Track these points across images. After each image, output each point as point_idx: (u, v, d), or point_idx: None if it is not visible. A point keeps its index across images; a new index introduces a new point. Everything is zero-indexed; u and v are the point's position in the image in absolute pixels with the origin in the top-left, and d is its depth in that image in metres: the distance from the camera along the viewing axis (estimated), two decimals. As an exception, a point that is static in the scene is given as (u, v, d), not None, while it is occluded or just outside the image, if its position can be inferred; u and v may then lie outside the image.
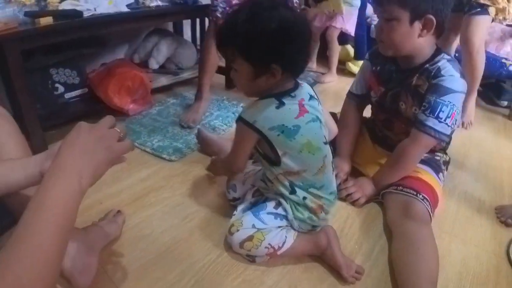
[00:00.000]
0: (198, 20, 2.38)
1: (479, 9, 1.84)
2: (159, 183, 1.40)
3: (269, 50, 0.90)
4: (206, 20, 2.34)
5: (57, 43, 1.62)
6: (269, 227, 1.06)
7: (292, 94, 1.01)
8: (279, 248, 1.05)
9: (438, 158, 1.41)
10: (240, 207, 1.14)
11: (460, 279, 1.09)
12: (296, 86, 1.03)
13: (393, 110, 1.34)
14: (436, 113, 1.18)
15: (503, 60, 2.39)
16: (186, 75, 2.24)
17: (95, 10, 1.58)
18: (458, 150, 1.86)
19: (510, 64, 2.37)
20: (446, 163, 1.46)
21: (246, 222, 1.06)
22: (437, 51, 1.23)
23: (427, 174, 1.31)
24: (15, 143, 0.97)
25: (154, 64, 2.18)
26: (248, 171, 1.26)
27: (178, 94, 2.20)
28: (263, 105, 0.99)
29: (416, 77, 1.24)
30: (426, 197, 1.20)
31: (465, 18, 1.89)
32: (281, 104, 0.98)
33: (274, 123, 0.98)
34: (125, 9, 1.66)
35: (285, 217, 1.08)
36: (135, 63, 2.15)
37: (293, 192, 1.06)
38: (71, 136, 0.65)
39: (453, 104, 1.17)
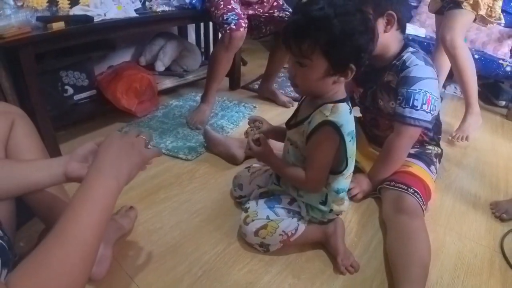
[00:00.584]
0: (202, 24, 2.44)
1: (451, 5, 1.85)
2: (168, 180, 1.46)
3: (353, 49, 0.91)
4: (210, 23, 2.41)
5: (67, 46, 1.66)
6: (281, 218, 1.12)
7: (348, 99, 1.03)
8: (292, 234, 1.11)
9: (429, 151, 1.46)
10: (252, 201, 1.19)
11: (455, 270, 1.15)
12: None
13: (375, 109, 1.41)
14: (411, 102, 1.23)
15: (500, 61, 2.43)
16: (191, 77, 2.29)
17: (105, 15, 1.63)
18: (455, 148, 1.91)
19: (507, 65, 2.41)
20: (438, 155, 1.50)
21: (260, 213, 1.12)
22: (404, 46, 1.30)
23: (418, 168, 1.37)
24: (32, 143, 1.03)
25: (160, 67, 2.23)
26: (254, 171, 1.31)
27: (181, 96, 2.26)
28: (343, 109, 0.98)
29: (387, 73, 1.32)
30: (416, 190, 1.26)
31: (444, 14, 1.90)
32: (350, 109, 1.01)
33: (349, 128, 0.99)
34: (133, 14, 1.71)
35: (298, 213, 1.14)
36: (142, 66, 2.20)
37: (323, 203, 1.11)
38: (106, 144, 0.73)
39: (425, 91, 1.23)
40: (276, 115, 2.13)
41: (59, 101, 1.80)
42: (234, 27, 1.74)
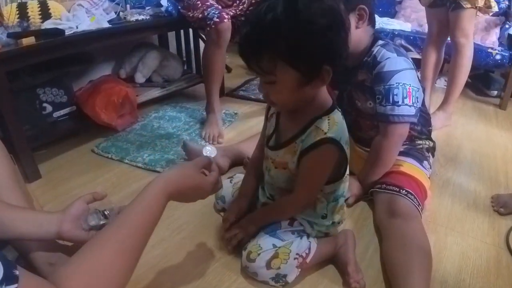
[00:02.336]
0: (182, 32, 2.38)
1: (453, 5, 1.83)
2: (149, 196, 1.37)
3: (321, 49, 0.77)
4: (191, 31, 2.34)
5: (43, 62, 1.61)
6: (290, 241, 1.01)
7: (335, 104, 0.94)
8: (307, 255, 1.00)
9: (420, 146, 1.38)
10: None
11: (459, 273, 1.07)
12: None
13: (354, 110, 1.33)
14: (391, 99, 1.16)
15: (489, 50, 2.39)
16: (173, 87, 2.22)
17: (77, 28, 1.57)
18: (450, 142, 1.85)
19: (497, 53, 2.37)
20: (431, 149, 1.42)
21: (264, 244, 0.99)
22: (374, 41, 1.22)
23: (409, 166, 1.29)
24: (1, 164, 0.96)
25: (140, 78, 2.16)
26: (237, 181, 1.23)
27: (162, 108, 2.17)
28: (339, 119, 0.90)
29: (359, 72, 1.24)
30: (409, 191, 1.18)
31: (450, 15, 1.89)
32: (342, 114, 0.93)
33: (345, 136, 0.91)
34: (106, 25, 1.65)
35: (303, 231, 1.04)
36: (122, 78, 2.13)
37: (325, 216, 1.03)
38: (190, 177, 0.81)
39: (403, 83, 1.15)
40: (260, 122, 2.03)
41: (38, 119, 1.74)
42: (217, 20, 1.69)
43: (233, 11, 1.87)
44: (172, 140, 1.79)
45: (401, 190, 1.18)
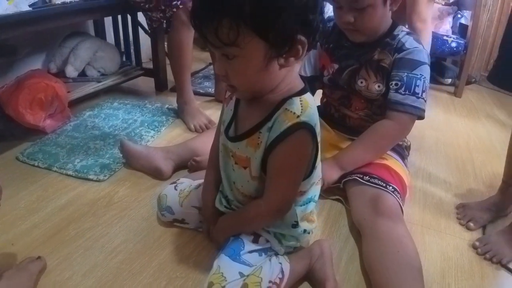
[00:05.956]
0: (120, 19, 2.13)
1: None
2: (81, 210, 1.14)
3: (296, 12, 0.64)
4: (129, 18, 2.10)
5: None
6: (258, 266, 0.81)
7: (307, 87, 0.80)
8: (281, 280, 0.82)
9: (401, 143, 1.29)
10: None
11: (443, 276, 0.97)
12: None
13: (349, 88, 1.23)
14: (412, 89, 1.11)
15: (445, 37, 2.38)
16: (109, 81, 1.96)
17: (-13, 11, 1.30)
18: (413, 133, 1.75)
19: (452, 41, 2.36)
20: (408, 148, 1.36)
21: (229, 274, 0.77)
22: (394, 24, 1.17)
23: (394, 161, 1.19)
24: None
25: (71, 72, 1.88)
26: (183, 188, 1.03)
27: (97, 105, 1.89)
28: (311, 102, 0.75)
29: (378, 51, 1.16)
30: (396, 188, 1.07)
31: None
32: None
33: (318, 124, 0.77)
34: (26, 9, 1.38)
35: (270, 249, 0.87)
36: (52, 73, 1.85)
37: (296, 224, 0.86)
38: None
39: (424, 77, 1.12)
40: (210, 116, 1.78)
41: None
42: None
43: None
44: (107, 141, 1.55)
45: (388, 186, 1.06)
